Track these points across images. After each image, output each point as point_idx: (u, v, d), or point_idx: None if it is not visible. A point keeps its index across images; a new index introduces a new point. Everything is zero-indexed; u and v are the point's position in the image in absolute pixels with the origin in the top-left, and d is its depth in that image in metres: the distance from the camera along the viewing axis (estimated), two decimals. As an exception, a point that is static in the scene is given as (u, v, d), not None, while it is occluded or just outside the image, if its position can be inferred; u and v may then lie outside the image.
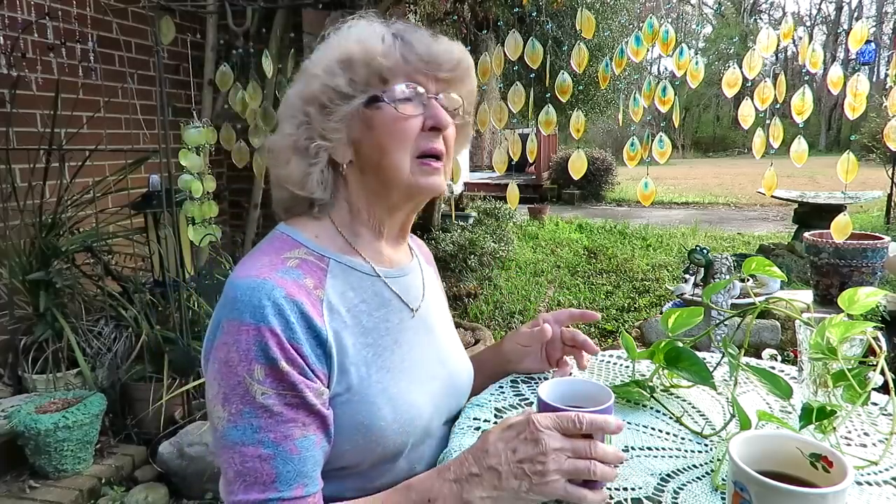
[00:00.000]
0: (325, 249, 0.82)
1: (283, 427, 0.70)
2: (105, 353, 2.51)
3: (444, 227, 6.28)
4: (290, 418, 0.70)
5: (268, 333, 0.70)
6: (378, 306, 0.84)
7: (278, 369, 0.70)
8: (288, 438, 0.70)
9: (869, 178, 8.87)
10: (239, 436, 0.69)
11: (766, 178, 1.86)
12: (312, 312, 0.74)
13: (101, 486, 2.20)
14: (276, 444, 0.69)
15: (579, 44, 1.97)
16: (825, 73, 1.79)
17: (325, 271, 0.80)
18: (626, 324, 4.28)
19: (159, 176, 2.53)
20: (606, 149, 14.14)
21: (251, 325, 0.70)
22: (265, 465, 0.69)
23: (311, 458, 0.71)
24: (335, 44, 0.82)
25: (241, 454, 0.69)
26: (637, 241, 7.43)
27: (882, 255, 3.13)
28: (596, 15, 4.37)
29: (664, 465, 0.76)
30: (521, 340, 1.01)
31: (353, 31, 0.82)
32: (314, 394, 0.72)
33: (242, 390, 0.70)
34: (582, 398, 0.75)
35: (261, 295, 0.71)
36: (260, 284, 0.72)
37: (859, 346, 0.82)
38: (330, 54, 0.81)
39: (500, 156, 2.17)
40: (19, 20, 2.67)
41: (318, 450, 0.73)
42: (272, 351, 0.70)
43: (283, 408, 0.70)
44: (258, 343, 0.70)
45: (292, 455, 0.70)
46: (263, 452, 0.69)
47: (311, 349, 0.73)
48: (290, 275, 0.76)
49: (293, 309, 0.72)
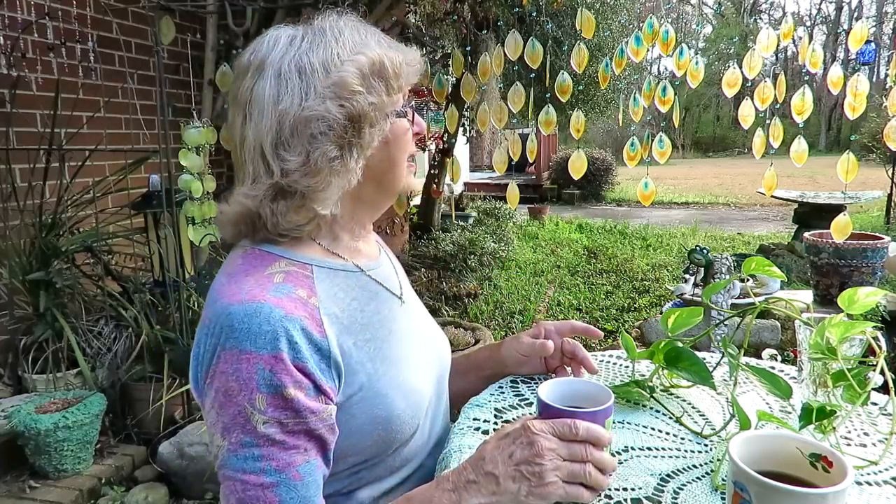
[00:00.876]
0: (304, 257, 0.81)
1: (285, 454, 0.69)
2: (105, 353, 2.51)
3: (444, 227, 6.29)
4: (292, 445, 0.70)
5: (272, 361, 0.69)
6: (368, 300, 0.85)
7: (282, 396, 0.69)
8: (291, 466, 0.69)
9: (869, 178, 8.87)
10: (240, 464, 0.68)
11: (766, 178, 1.86)
12: (312, 325, 0.73)
13: (101, 486, 2.20)
14: (278, 472, 0.69)
15: (579, 44, 1.97)
16: (825, 73, 1.78)
17: (311, 278, 0.79)
18: (626, 324, 4.28)
19: (159, 176, 2.53)
20: (606, 149, 14.14)
21: (252, 353, 0.68)
22: (268, 493, 0.68)
23: (313, 483, 0.71)
24: (342, 50, 0.77)
25: (242, 482, 0.68)
26: (637, 241, 7.43)
27: (882, 255, 3.13)
28: (596, 15, 4.37)
29: (664, 465, 0.76)
30: (522, 350, 1.00)
31: (350, 35, 0.78)
32: (318, 418, 0.71)
33: (243, 420, 0.68)
34: (582, 398, 0.75)
35: (260, 321, 0.69)
36: (256, 309, 0.70)
37: (859, 346, 0.82)
38: (357, 64, 0.76)
39: (500, 156, 2.17)
40: (19, 20, 2.67)
41: (320, 473, 0.73)
42: (276, 378, 0.68)
43: (286, 435, 0.69)
44: (260, 372, 0.68)
45: (295, 482, 0.69)
46: (266, 481, 0.68)
47: (317, 364, 0.72)
48: (282, 291, 0.74)
49: (295, 327, 0.71)
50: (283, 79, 0.75)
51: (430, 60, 3.23)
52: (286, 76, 0.75)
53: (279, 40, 0.78)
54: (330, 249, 0.84)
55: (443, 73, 2.32)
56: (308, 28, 0.79)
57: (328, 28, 0.78)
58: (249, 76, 0.77)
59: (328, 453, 0.74)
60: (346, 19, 0.80)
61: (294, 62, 0.76)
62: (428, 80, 2.33)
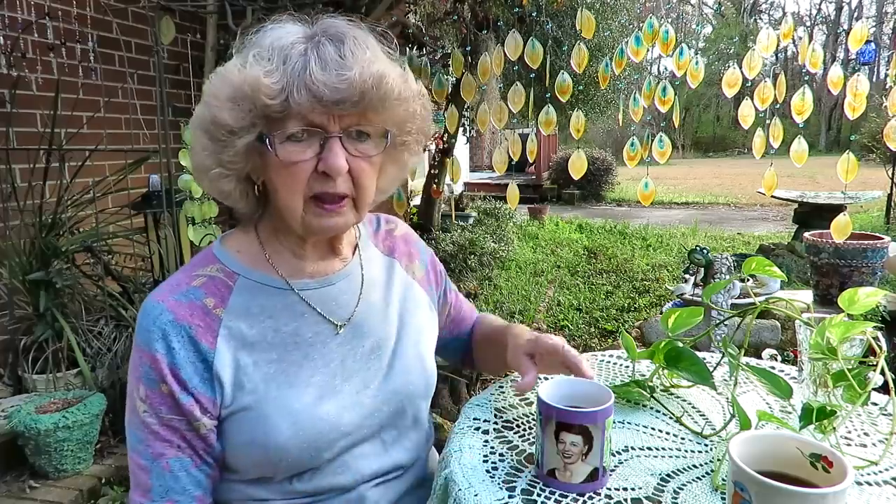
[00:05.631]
0: (238, 265, 0.83)
1: (158, 445, 0.76)
2: (105, 353, 2.51)
3: (444, 227, 6.29)
4: (165, 438, 0.76)
5: (149, 359, 0.75)
6: (288, 320, 0.82)
7: (159, 392, 0.75)
8: (163, 456, 0.76)
9: (869, 178, 8.86)
10: (131, 441, 0.77)
11: (766, 178, 1.86)
12: (202, 335, 0.76)
13: (101, 486, 2.19)
14: (152, 459, 0.76)
15: (579, 44, 1.97)
16: (825, 73, 1.79)
17: (231, 288, 0.81)
18: (626, 324, 4.28)
19: (159, 176, 2.53)
20: (606, 149, 14.13)
21: (140, 347, 0.76)
22: (143, 475, 0.76)
23: (184, 478, 0.76)
24: (233, 68, 0.74)
25: (131, 458, 0.77)
26: (637, 241, 7.42)
27: (882, 255, 3.12)
28: (596, 15, 4.37)
29: (664, 465, 0.76)
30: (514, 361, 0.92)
31: (250, 53, 0.74)
32: (186, 421, 0.75)
33: (132, 404, 0.77)
34: (582, 398, 0.75)
35: (149, 321, 0.76)
36: (151, 309, 0.77)
37: (859, 346, 0.82)
38: (225, 80, 0.74)
39: (500, 156, 2.17)
40: (19, 20, 2.67)
41: (196, 471, 0.77)
42: (154, 373, 0.74)
43: (160, 427, 0.75)
44: (143, 365, 0.75)
45: (164, 472, 0.75)
46: (142, 463, 0.76)
47: (195, 372, 0.76)
48: (190, 296, 0.78)
49: (179, 333, 0.75)
50: (226, 66, 0.77)
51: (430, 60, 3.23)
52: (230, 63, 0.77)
53: (260, 30, 0.78)
54: (269, 260, 0.84)
55: (443, 73, 2.32)
56: (262, 27, 0.78)
57: (261, 30, 0.78)
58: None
59: (205, 458, 0.78)
60: (307, 29, 0.77)
61: (237, 52, 0.78)
62: (428, 80, 2.33)
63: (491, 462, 0.77)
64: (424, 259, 1.03)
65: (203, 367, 0.76)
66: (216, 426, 0.78)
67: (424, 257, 1.04)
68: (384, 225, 1.01)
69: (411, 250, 1.02)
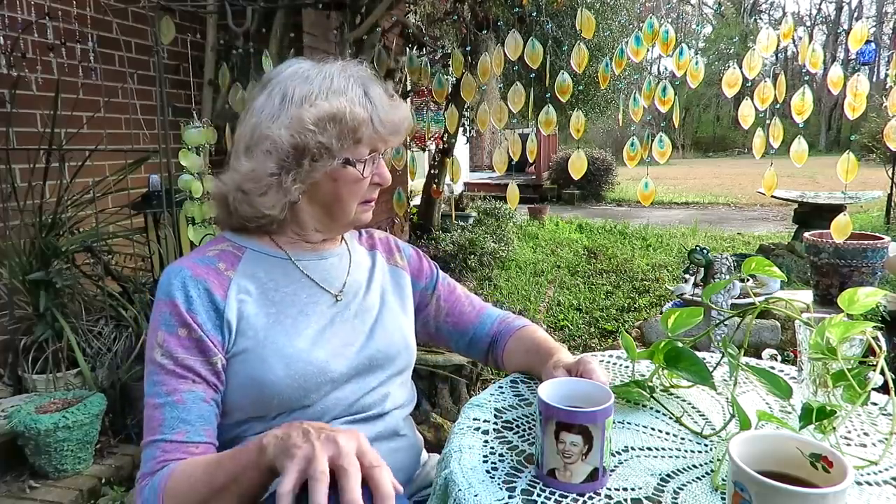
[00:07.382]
0: (246, 242, 0.99)
1: (174, 381, 0.84)
2: (105, 353, 2.51)
3: (444, 227, 6.29)
4: (180, 375, 0.85)
5: (170, 305, 0.87)
6: (287, 283, 0.97)
7: (176, 335, 0.86)
8: (177, 391, 0.84)
9: (869, 178, 8.86)
10: (147, 388, 0.86)
11: (766, 178, 1.86)
12: (216, 288, 0.90)
13: (101, 486, 2.19)
14: (166, 395, 0.84)
15: (579, 44, 1.97)
16: (825, 73, 1.78)
17: (240, 258, 0.96)
18: (626, 324, 4.28)
19: (159, 176, 2.53)
20: (606, 149, 14.13)
21: (160, 300, 0.89)
22: (157, 413, 0.83)
23: (195, 409, 0.84)
24: (319, 93, 0.91)
25: (146, 404, 0.85)
26: (637, 241, 7.42)
27: (882, 255, 3.13)
28: (596, 15, 4.37)
29: (664, 465, 0.76)
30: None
31: (335, 83, 0.92)
32: (203, 359, 0.86)
33: (151, 353, 0.87)
34: (582, 398, 0.75)
35: (170, 277, 0.89)
36: (172, 269, 0.91)
37: (859, 346, 0.82)
38: (319, 108, 0.90)
39: (500, 156, 2.17)
40: (19, 20, 2.67)
41: (206, 405, 0.85)
42: (172, 319, 0.86)
43: (176, 367, 0.85)
44: (162, 314, 0.87)
45: (178, 404, 0.83)
46: (156, 402, 0.84)
47: (209, 318, 0.88)
48: (205, 261, 0.93)
49: (196, 285, 0.89)
50: (271, 98, 0.93)
51: (430, 60, 3.23)
52: (273, 96, 0.93)
53: (291, 66, 0.95)
54: (274, 240, 1.00)
55: (443, 73, 2.32)
56: (315, 66, 0.95)
57: (326, 71, 0.94)
58: (260, 86, 0.96)
59: (217, 392, 0.87)
60: (351, 70, 0.96)
61: (283, 88, 0.93)
62: (428, 80, 2.32)
63: (491, 462, 0.78)
64: (407, 252, 1.18)
65: (215, 316, 0.88)
66: (224, 367, 0.89)
67: (407, 251, 1.19)
68: (365, 233, 1.18)
69: (391, 245, 1.17)
